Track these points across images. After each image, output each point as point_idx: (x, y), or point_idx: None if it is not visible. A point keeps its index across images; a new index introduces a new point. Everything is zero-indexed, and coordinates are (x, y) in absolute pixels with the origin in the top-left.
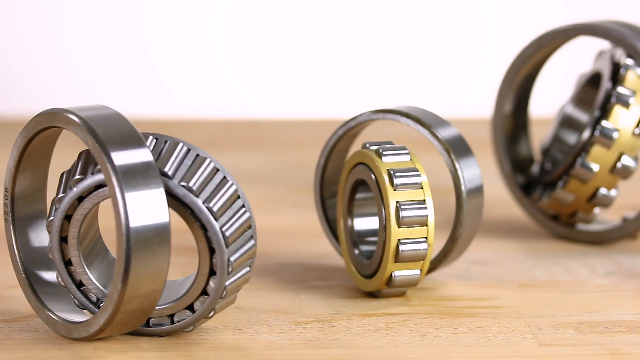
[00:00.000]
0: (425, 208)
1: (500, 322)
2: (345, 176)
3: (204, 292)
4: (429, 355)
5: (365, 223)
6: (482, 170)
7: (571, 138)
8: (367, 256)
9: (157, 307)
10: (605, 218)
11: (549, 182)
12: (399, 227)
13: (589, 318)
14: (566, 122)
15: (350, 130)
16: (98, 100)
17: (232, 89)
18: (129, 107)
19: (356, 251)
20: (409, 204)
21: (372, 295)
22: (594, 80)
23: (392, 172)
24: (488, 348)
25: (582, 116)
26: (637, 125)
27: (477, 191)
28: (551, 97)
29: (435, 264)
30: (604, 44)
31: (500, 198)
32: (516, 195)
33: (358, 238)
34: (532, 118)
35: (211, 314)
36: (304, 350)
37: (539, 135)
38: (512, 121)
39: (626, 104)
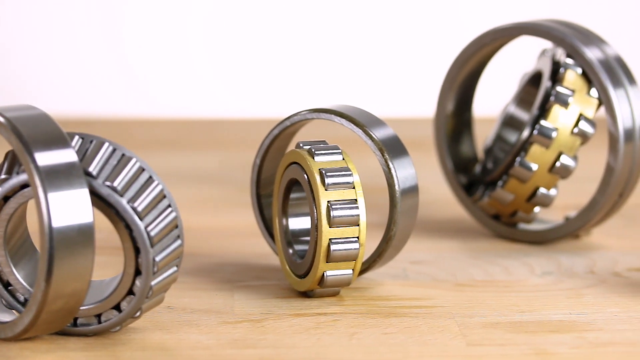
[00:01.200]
0: (357, 208)
1: (430, 322)
2: (279, 176)
3: (130, 291)
4: (355, 355)
5: (299, 223)
6: (427, 170)
7: (513, 137)
8: (301, 256)
9: (83, 307)
10: (548, 217)
11: (490, 182)
12: (330, 227)
13: (521, 318)
14: (508, 122)
15: (285, 129)
16: (51, 99)
17: (190, 89)
18: (86, 105)
19: (290, 251)
20: (340, 204)
21: (306, 295)
22: (535, 79)
23: (323, 172)
24: (415, 348)
25: (524, 115)
26: (576, 125)
27: (412, 191)
28: (498, 96)
29: (369, 264)
30: (548, 43)
31: (444, 197)
32: (458, 194)
33: (292, 237)
34: (478, 117)
35: (138, 313)
36: (230, 350)
37: (485, 135)
38: (455, 120)
39: (565, 103)
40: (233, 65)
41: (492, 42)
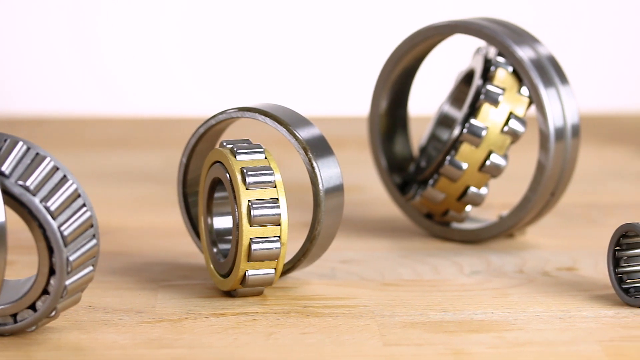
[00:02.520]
0: (278, 207)
1: (351, 322)
2: (204, 175)
3: (45, 291)
4: (269, 355)
5: (223, 222)
6: (366, 169)
7: (446, 136)
8: (224, 255)
9: None
10: (483, 216)
11: (422, 181)
12: (250, 226)
13: (442, 318)
14: (442, 120)
15: (211, 128)
16: None
17: (140, 88)
18: (35, 105)
19: (215, 250)
20: (261, 203)
21: (230, 294)
22: (469, 77)
23: (244, 171)
24: (331, 348)
25: (457, 114)
26: (506, 123)
27: (337, 190)
28: (438, 94)
29: (294, 263)
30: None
31: (381, 196)
32: (392, 193)
33: (217, 237)
34: (417, 116)
35: (53, 313)
36: (144, 350)
37: (423, 134)
38: (389, 119)
39: (495, 102)
40: (180, 64)
41: (425, 40)
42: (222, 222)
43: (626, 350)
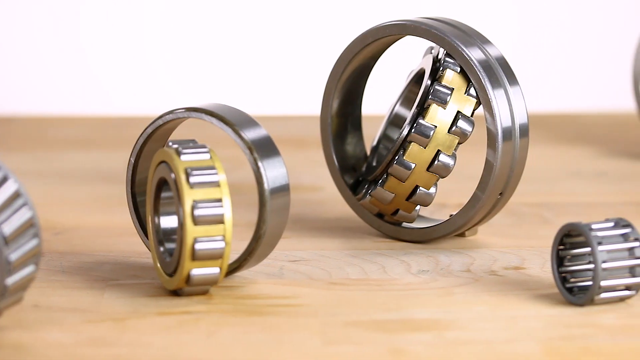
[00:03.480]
0: (222, 206)
1: (293, 321)
2: (151, 175)
3: None
4: (208, 354)
5: (170, 221)
6: (324, 168)
7: (396, 136)
8: (171, 254)
9: None
10: (437, 216)
11: (373, 180)
12: (194, 225)
13: (385, 317)
14: (393, 120)
15: (159, 128)
16: None
17: (101, 87)
18: None
19: (161, 249)
20: (205, 202)
21: (176, 293)
22: (420, 77)
23: (188, 171)
24: (270, 347)
25: (408, 114)
26: (454, 123)
27: (282, 190)
28: (395, 94)
29: (240, 262)
30: None
31: (337, 196)
32: (344, 193)
33: (164, 236)
34: (372, 115)
35: None
36: (85, 349)
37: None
38: (341, 119)
39: (443, 102)
40: (143, 63)
41: (375, 41)
42: (169, 222)
43: (564, 348)
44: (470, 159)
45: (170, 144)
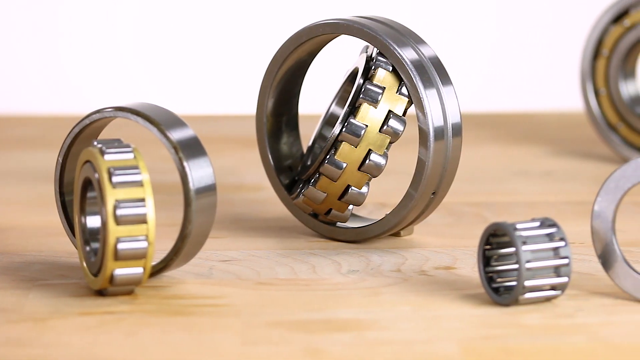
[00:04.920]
0: (145, 206)
1: (215, 321)
2: (77, 174)
3: None
4: (125, 353)
5: (96, 221)
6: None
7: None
8: (96, 254)
9: None
10: (374, 216)
11: (306, 180)
12: (117, 225)
13: (307, 317)
14: (329, 120)
15: (86, 128)
16: None
17: (50, 87)
18: None
19: (87, 248)
20: (127, 202)
21: (101, 293)
22: (354, 77)
23: (111, 170)
24: (189, 347)
25: (341, 113)
26: (385, 122)
27: (208, 190)
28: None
29: (166, 262)
30: None
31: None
32: (279, 193)
33: (90, 236)
34: (310, 115)
35: None
36: (1, 349)
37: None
38: (276, 118)
39: (374, 101)
40: (91, 62)
41: (309, 40)
42: (95, 222)
43: (483, 348)
44: (412, 158)
45: (95, 143)
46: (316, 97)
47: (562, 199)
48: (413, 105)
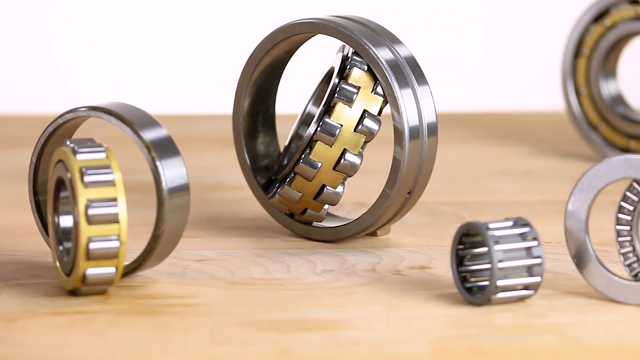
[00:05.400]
0: (116, 206)
1: (186, 321)
2: (50, 173)
3: None
4: (95, 353)
5: (69, 220)
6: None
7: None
8: (69, 253)
9: None
10: (352, 215)
11: (282, 179)
12: (89, 225)
13: (280, 316)
14: (305, 119)
15: (59, 127)
16: None
17: (31, 87)
18: None
19: (60, 248)
20: (99, 202)
21: (74, 293)
22: (330, 76)
23: (83, 170)
24: (158, 346)
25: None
26: (360, 122)
27: (182, 189)
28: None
29: (140, 262)
30: None
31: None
32: (256, 192)
33: (63, 235)
34: (288, 115)
35: None
36: None
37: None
38: (254, 118)
39: (349, 100)
40: (67, 62)
41: (286, 39)
42: (68, 221)
43: (453, 349)
44: (383, 157)
45: (67, 142)
46: (294, 97)
47: (541, 198)
48: (388, 104)
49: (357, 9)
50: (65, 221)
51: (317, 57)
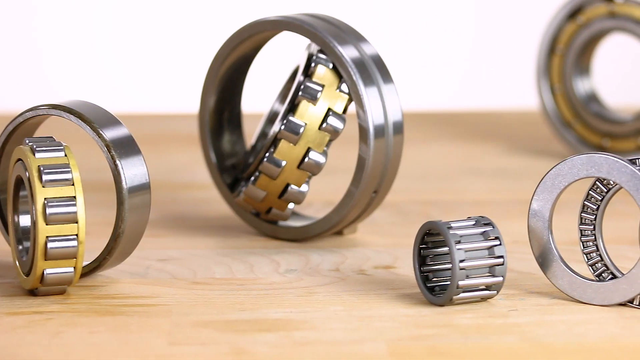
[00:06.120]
0: (75, 205)
1: (144, 321)
2: (10, 172)
3: None
4: (49, 354)
5: (28, 220)
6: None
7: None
8: (27, 253)
9: None
10: (321, 214)
11: (247, 178)
12: (46, 224)
13: (238, 316)
14: (272, 118)
15: (19, 126)
16: None
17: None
18: None
19: (20, 247)
20: (57, 201)
21: (33, 293)
22: (296, 74)
23: (41, 169)
24: (114, 347)
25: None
26: (324, 120)
27: (142, 189)
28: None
29: (100, 262)
30: None
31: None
32: (222, 192)
33: (22, 235)
34: (257, 114)
35: None
36: None
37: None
38: (220, 116)
39: (313, 98)
40: (34, 60)
41: (251, 37)
42: (28, 220)
43: (411, 349)
44: (350, 155)
45: (26, 141)
46: (263, 95)
47: (512, 197)
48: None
49: (329, 8)
50: (25, 220)
51: (287, 55)
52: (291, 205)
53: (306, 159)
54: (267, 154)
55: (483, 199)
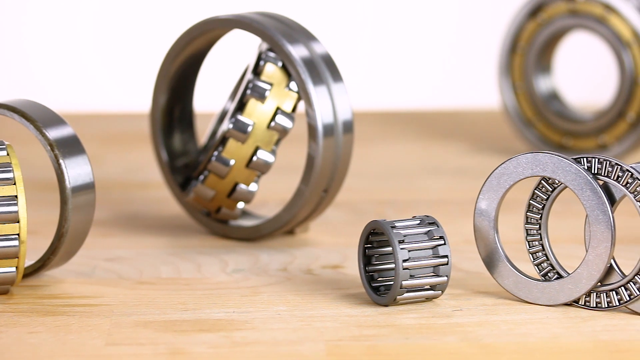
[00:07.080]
0: (16, 204)
1: (84, 321)
2: None
3: None
4: None
5: None
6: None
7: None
8: None
9: None
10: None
11: (197, 177)
12: None
13: (179, 317)
14: (222, 117)
15: None
16: None
17: None
18: None
19: None
20: None
21: None
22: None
23: None
24: (51, 347)
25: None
26: (273, 119)
27: (86, 188)
28: None
29: (44, 262)
30: None
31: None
32: (173, 190)
33: None
34: (211, 113)
35: None
36: None
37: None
38: (171, 116)
39: (261, 97)
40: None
41: (202, 34)
42: None
43: (350, 349)
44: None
45: None
46: (216, 94)
47: (471, 196)
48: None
49: (288, 8)
50: None
51: (241, 54)
52: (241, 205)
53: (254, 158)
54: (215, 153)
55: (442, 198)
